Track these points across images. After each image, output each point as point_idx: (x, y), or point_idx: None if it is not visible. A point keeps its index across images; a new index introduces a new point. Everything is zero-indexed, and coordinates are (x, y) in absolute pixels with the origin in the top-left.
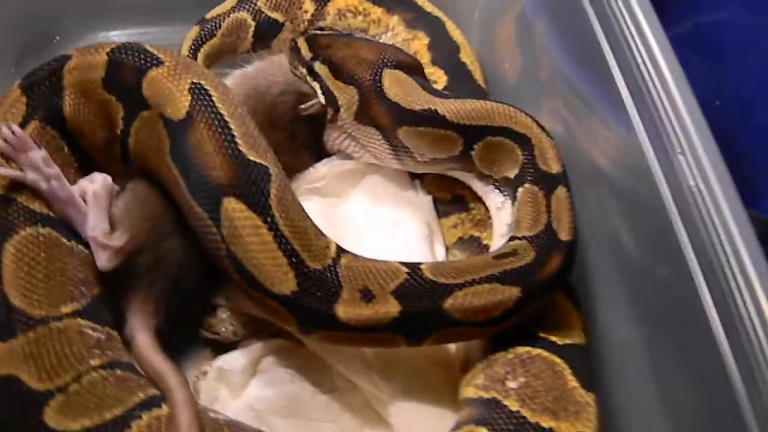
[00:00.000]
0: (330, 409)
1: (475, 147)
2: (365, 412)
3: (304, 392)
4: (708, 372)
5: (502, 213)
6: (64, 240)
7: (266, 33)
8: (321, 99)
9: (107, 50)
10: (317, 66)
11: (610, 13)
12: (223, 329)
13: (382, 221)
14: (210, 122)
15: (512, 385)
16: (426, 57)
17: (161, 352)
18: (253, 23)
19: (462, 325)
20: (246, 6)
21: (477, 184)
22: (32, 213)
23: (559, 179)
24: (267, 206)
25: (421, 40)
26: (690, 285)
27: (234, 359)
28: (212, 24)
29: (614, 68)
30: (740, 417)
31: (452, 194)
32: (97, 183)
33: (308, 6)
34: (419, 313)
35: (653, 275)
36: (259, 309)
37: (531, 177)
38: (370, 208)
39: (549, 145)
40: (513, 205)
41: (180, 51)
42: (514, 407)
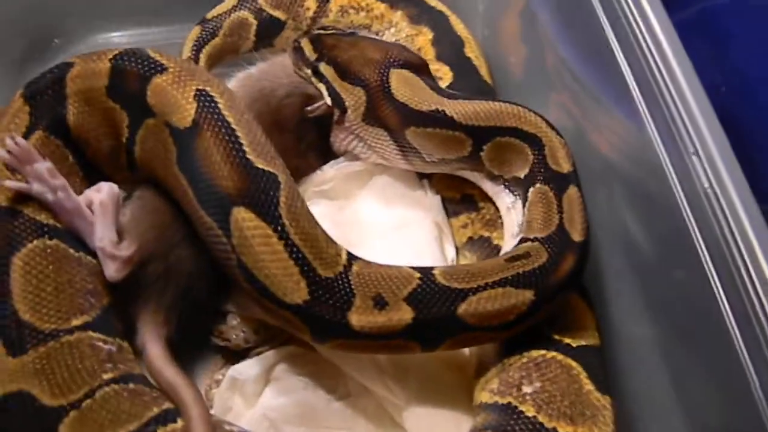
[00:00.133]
0: (344, 416)
1: (485, 148)
2: (380, 418)
3: (318, 399)
4: (724, 371)
5: (513, 213)
6: (72, 251)
7: (268, 32)
8: (327, 100)
9: (110, 57)
10: (322, 67)
11: (616, 4)
12: (234, 336)
13: (391, 223)
14: (217, 130)
15: (528, 390)
16: (430, 53)
17: (174, 364)
18: (255, 22)
19: (476, 330)
20: (247, 5)
21: (487, 184)
22: (39, 225)
23: (570, 179)
24: (277, 215)
25: (425, 36)
26: (704, 283)
27: (247, 368)
28: (213, 24)
29: (621, 61)
30: (757, 414)
31: (461, 193)
32: (104, 192)
33: (310, 3)
34: (433, 320)
35: (666, 273)
36: (271, 318)
37: (542, 177)
38: (379, 210)
39: (559, 145)
40: (524, 205)
41: (182, 52)
42: (531, 413)
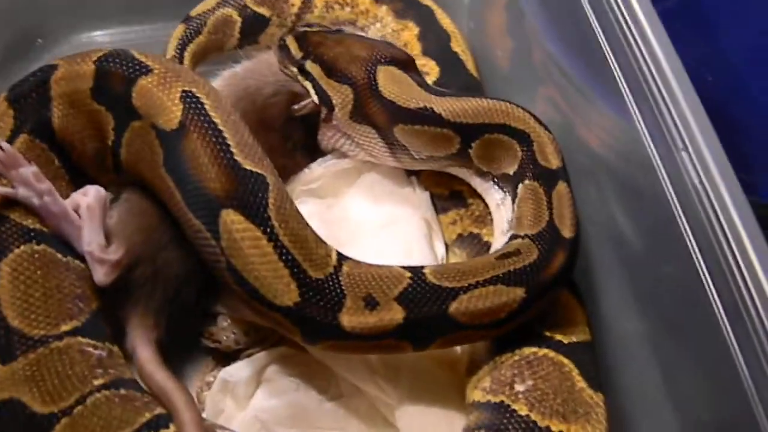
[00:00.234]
0: (336, 416)
1: (473, 145)
2: (372, 418)
3: (310, 400)
4: (714, 364)
5: (503, 209)
6: (60, 256)
7: (253, 28)
8: (314, 98)
9: (94, 59)
10: (308, 65)
11: None
12: (225, 338)
13: (380, 220)
14: (203, 132)
15: (520, 389)
16: (417, 48)
17: (165, 368)
18: (239, 19)
19: (467, 329)
20: (231, 2)
21: (476, 181)
22: (26, 230)
23: (559, 174)
24: (266, 217)
25: (411, 31)
26: (694, 277)
27: (238, 370)
28: (198, 21)
29: (608, 54)
30: (748, 406)
31: (450, 190)
32: (90, 196)
33: None
34: (424, 319)
35: (656, 267)
36: (262, 320)
37: (531, 173)
38: (368, 207)
39: (548, 140)
40: (513, 202)
41: (166, 50)
42: (524, 411)
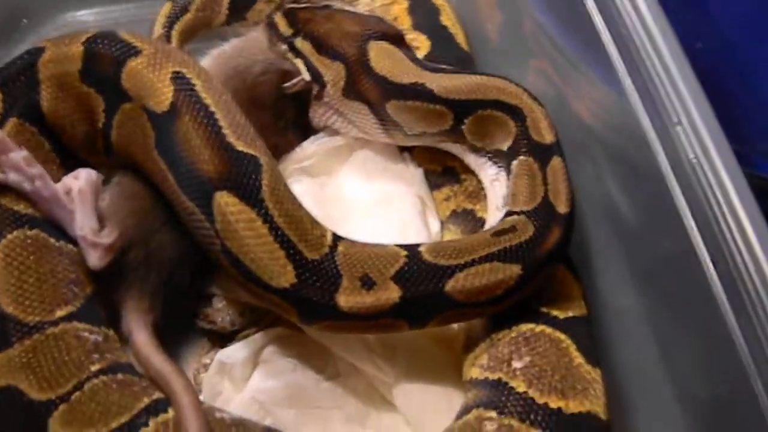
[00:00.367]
0: (334, 396)
1: (466, 121)
2: (370, 396)
3: (308, 380)
4: (712, 339)
5: (497, 185)
6: (53, 240)
7: (241, 5)
8: (305, 76)
9: (82, 40)
10: (299, 42)
11: None
12: (220, 319)
13: (374, 198)
14: (195, 113)
15: (518, 365)
16: (406, 22)
17: (161, 351)
18: None
19: (464, 306)
20: None
21: (470, 157)
22: (17, 215)
23: (554, 149)
24: (260, 198)
25: (401, 4)
26: (691, 251)
27: (235, 352)
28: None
29: (599, 25)
30: (747, 381)
31: (443, 166)
32: (82, 179)
33: None
34: (420, 297)
35: (653, 242)
36: (258, 301)
37: (525, 149)
38: (361, 185)
39: (542, 116)
40: (508, 178)
41: (153, 29)
42: (522, 388)
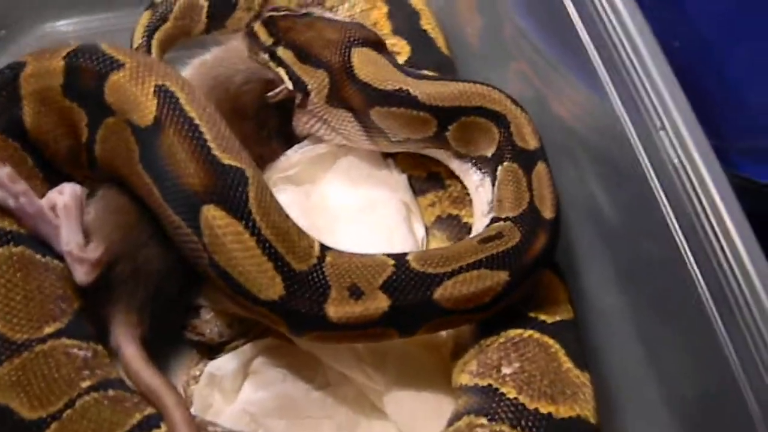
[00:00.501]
0: (325, 405)
1: (450, 127)
2: (360, 405)
3: (298, 390)
4: (697, 337)
5: (482, 191)
6: (38, 256)
7: (220, 13)
8: (288, 85)
9: (63, 54)
10: (280, 51)
11: None
12: (208, 331)
13: (359, 205)
14: (180, 127)
15: (507, 371)
16: (387, 27)
17: (151, 365)
18: (206, 4)
19: (453, 314)
20: None
21: (454, 163)
22: (3, 232)
23: (538, 155)
24: (247, 211)
25: (380, 9)
26: (675, 252)
27: (224, 363)
28: (164, 8)
29: (578, 26)
30: (733, 380)
31: (427, 172)
32: (66, 194)
33: None
34: (409, 306)
35: (636, 243)
36: (247, 313)
37: (509, 155)
38: (346, 192)
39: (525, 121)
40: (493, 184)
41: (133, 38)
42: (512, 394)
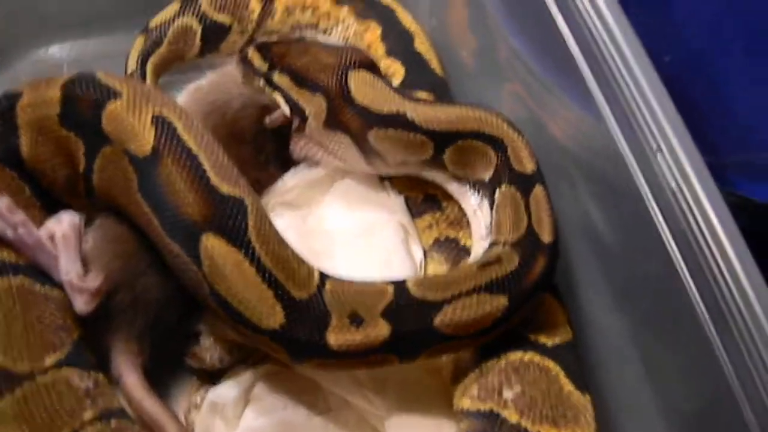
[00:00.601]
0: (326, 431)
1: (446, 151)
2: (362, 429)
3: (299, 417)
4: (696, 356)
5: (480, 215)
6: (37, 287)
7: (214, 37)
8: (285, 110)
9: (60, 84)
10: (276, 77)
11: None
12: (208, 357)
13: (357, 228)
14: (178, 156)
15: (508, 395)
16: (381, 49)
17: (153, 395)
18: (200, 28)
19: (453, 339)
20: (190, 10)
21: (452, 186)
22: (1, 263)
23: (535, 178)
24: (246, 239)
25: (374, 31)
26: (670, 267)
27: (225, 390)
28: (157, 32)
29: (572, 46)
30: (729, 391)
31: (424, 194)
32: (65, 223)
33: (254, 5)
34: (410, 333)
35: (633, 263)
36: (248, 342)
37: (507, 178)
38: (343, 216)
39: (522, 145)
40: (491, 207)
41: (127, 64)
42: (514, 419)
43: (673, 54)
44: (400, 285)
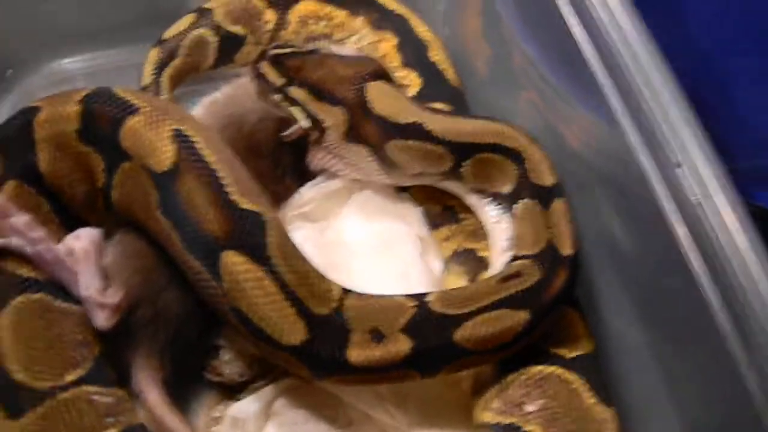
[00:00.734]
0: None
1: (465, 164)
2: None
3: (320, 430)
4: (717, 371)
5: (499, 228)
6: (58, 303)
7: (228, 48)
8: (303, 123)
9: (77, 99)
10: (293, 91)
11: None
12: (228, 371)
13: (375, 241)
14: (198, 172)
15: (530, 409)
16: (396, 59)
17: (175, 411)
18: (215, 39)
19: (474, 354)
20: (205, 22)
21: (471, 199)
22: (21, 279)
23: (555, 192)
24: (267, 256)
25: (389, 42)
26: (690, 280)
27: (246, 406)
28: (172, 44)
29: (588, 54)
30: (752, 406)
31: (442, 205)
32: (84, 239)
33: (269, 16)
34: (430, 348)
35: (651, 271)
36: (268, 357)
37: (526, 192)
38: (361, 228)
39: (541, 158)
40: (510, 220)
41: (142, 76)
42: None
43: (684, 60)
44: (421, 300)
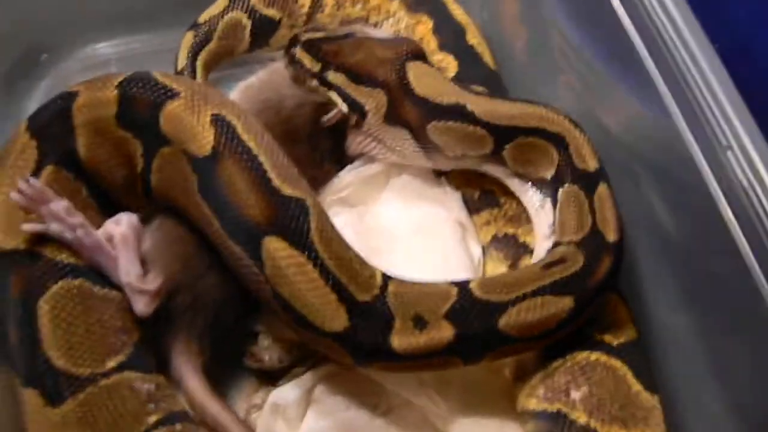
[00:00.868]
0: (389, 431)
1: (507, 147)
2: (424, 430)
3: (361, 417)
4: (765, 352)
5: (543, 213)
6: (97, 288)
7: (263, 31)
8: (342, 107)
9: (115, 83)
10: (331, 75)
11: None
12: (267, 357)
13: (414, 225)
14: (238, 157)
15: (576, 396)
16: (433, 42)
17: (216, 397)
18: (249, 22)
19: (517, 341)
20: (239, 5)
21: (513, 183)
22: (60, 265)
23: (599, 176)
24: (309, 242)
25: (426, 24)
26: (741, 266)
27: (287, 392)
28: (206, 28)
29: (634, 38)
30: None
31: (481, 189)
32: (123, 225)
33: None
34: (474, 335)
35: (700, 257)
36: (310, 343)
37: (570, 177)
38: (400, 213)
39: (584, 142)
40: (554, 206)
41: (177, 60)
42: (583, 420)
43: (721, 42)
44: (464, 286)
